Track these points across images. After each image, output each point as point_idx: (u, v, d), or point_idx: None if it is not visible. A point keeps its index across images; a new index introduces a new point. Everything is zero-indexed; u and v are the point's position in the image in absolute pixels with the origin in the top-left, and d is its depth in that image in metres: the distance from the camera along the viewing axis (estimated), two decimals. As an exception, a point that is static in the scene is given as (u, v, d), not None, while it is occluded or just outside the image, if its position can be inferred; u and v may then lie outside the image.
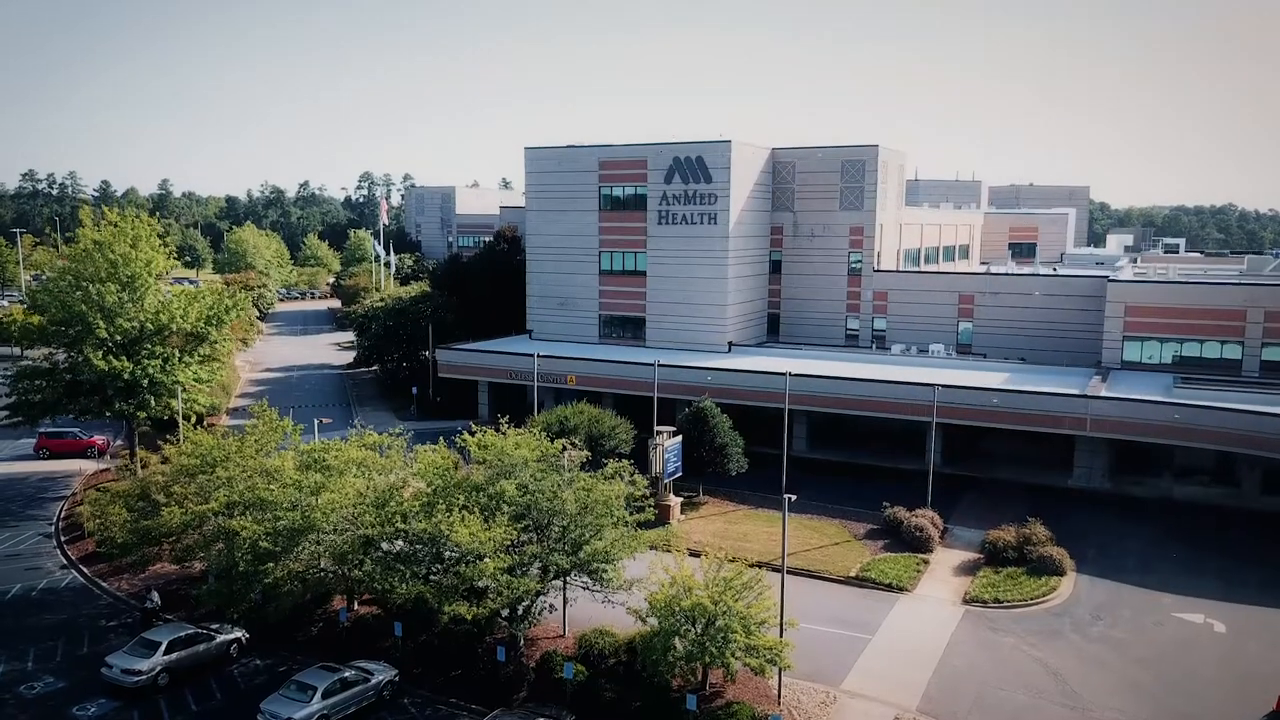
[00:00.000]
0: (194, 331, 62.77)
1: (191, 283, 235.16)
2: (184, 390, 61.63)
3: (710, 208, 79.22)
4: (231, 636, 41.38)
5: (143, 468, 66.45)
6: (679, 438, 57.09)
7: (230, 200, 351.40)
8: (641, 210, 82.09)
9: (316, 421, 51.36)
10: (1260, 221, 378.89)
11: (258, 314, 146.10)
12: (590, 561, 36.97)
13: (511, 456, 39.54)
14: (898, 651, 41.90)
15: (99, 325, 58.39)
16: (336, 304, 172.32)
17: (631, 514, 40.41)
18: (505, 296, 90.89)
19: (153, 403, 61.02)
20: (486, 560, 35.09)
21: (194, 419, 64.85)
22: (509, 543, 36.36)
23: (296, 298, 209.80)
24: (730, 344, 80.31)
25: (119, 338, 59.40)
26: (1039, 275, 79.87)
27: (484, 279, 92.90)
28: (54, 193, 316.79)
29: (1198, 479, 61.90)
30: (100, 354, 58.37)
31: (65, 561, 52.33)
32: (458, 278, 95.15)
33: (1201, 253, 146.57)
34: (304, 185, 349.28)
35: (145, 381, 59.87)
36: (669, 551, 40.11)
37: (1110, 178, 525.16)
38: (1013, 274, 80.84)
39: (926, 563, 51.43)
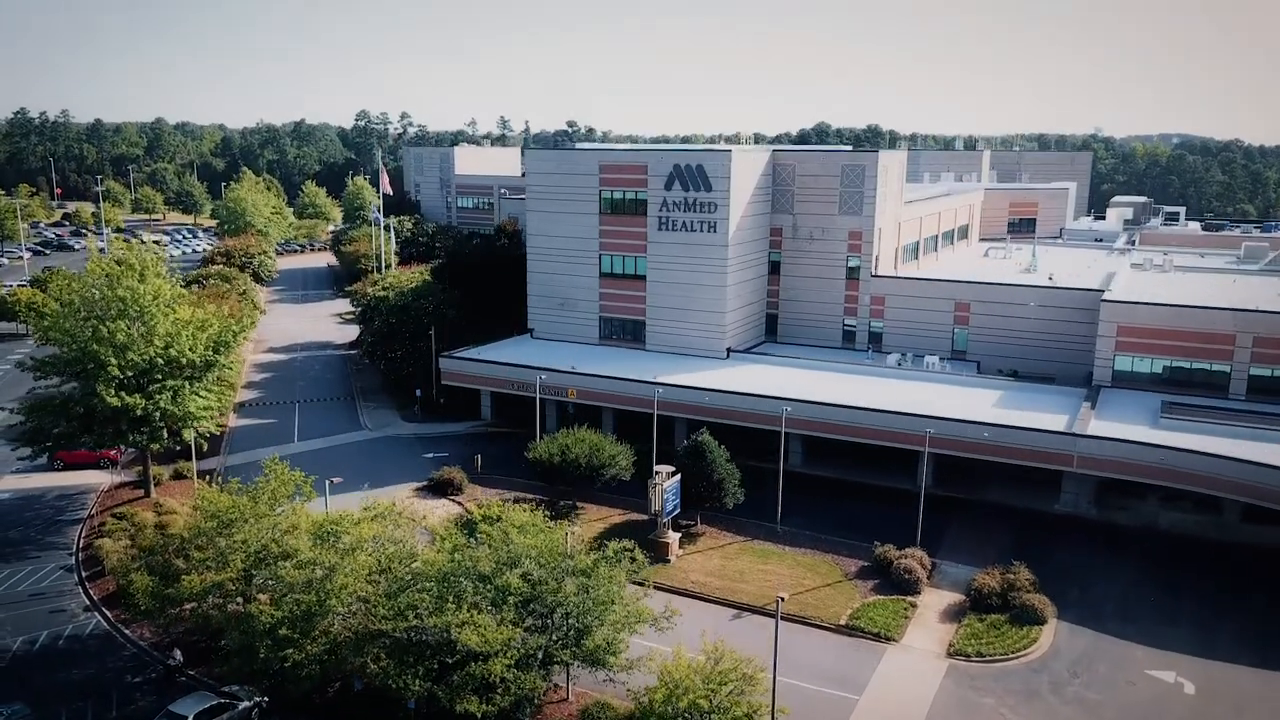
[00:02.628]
0: (203, 361, 63.95)
1: (189, 230, 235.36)
2: (195, 421, 63.21)
3: (710, 216, 79.67)
4: (252, 703, 43.59)
5: (155, 486, 68.78)
6: (677, 477, 58.78)
7: (225, 139, 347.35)
8: (642, 215, 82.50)
9: (328, 484, 52.87)
10: (1265, 160, 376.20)
11: (258, 282, 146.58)
12: (594, 653, 38.99)
13: (516, 545, 41.22)
14: (884, 713, 44.27)
15: (111, 363, 59.55)
16: (336, 261, 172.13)
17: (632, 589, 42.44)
18: (506, 292, 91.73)
19: (165, 434, 62.64)
20: (496, 660, 37.01)
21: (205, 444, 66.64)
22: (516, 637, 38.31)
23: (296, 250, 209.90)
24: (729, 350, 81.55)
25: (130, 373, 60.62)
26: (1034, 286, 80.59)
27: (485, 274, 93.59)
28: (47, 131, 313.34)
29: (1180, 505, 63.72)
30: (113, 390, 59.65)
31: (88, 602, 54.45)
32: (459, 271, 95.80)
33: (1202, 223, 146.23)
34: (300, 123, 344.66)
35: (157, 415, 61.37)
36: (668, 622, 42.18)
37: (1116, 108, 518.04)
38: (1008, 284, 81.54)
39: (914, 606, 53.63)
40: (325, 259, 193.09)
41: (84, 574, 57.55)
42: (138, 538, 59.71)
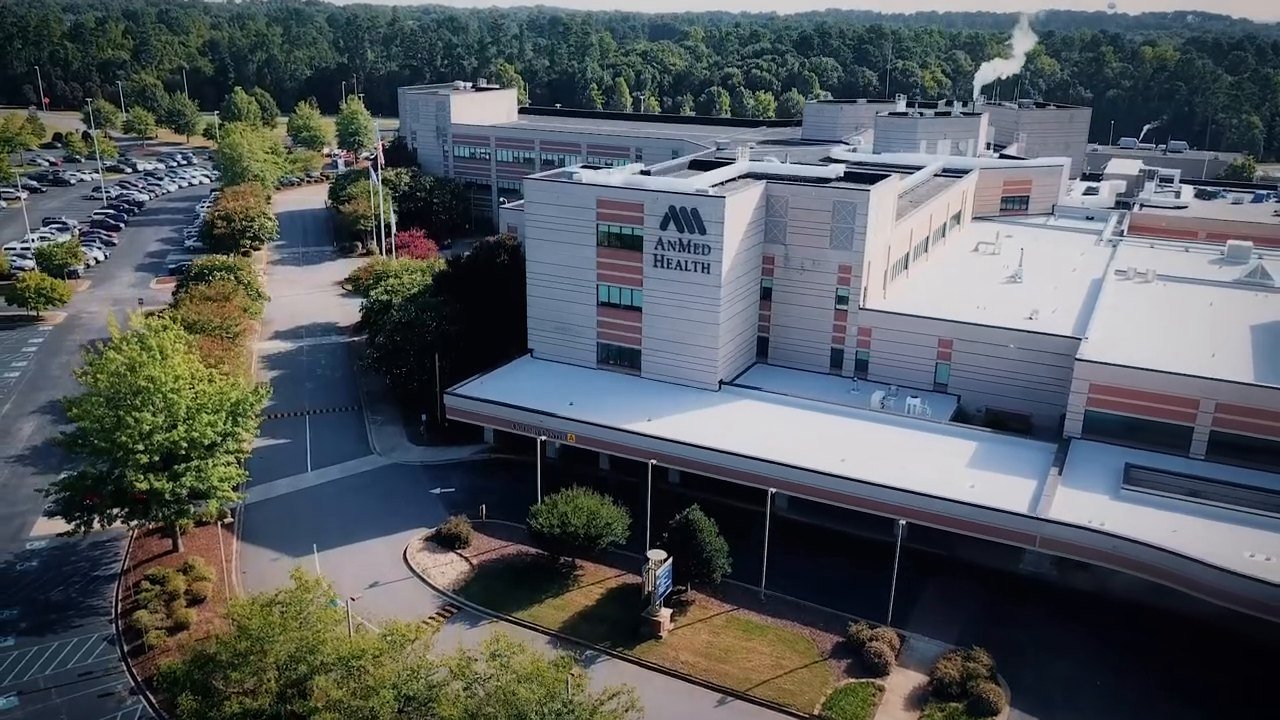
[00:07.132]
0: (222, 435, 67.74)
1: (183, 155, 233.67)
2: (217, 493, 67.49)
3: (704, 258, 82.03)
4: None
5: (181, 535, 73.56)
6: (669, 560, 63.57)
7: (213, 42, 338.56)
8: (638, 250, 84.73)
9: (347, 602, 57.47)
10: (1276, 60, 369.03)
11: (257, 244, 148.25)
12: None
13: (521, 697, 46.23)
14: (847, 822, 50.35)
15: (139, 449, 63.37)
16: (332, 201, 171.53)
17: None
18: (506, 309, 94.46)
19: (192, 509, 67.10)
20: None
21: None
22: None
23: (293, 184, 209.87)
24: (721, 382, 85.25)
25: (156, 457, 64.55)
26: (1013, 330, 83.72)
27: (486, 286, 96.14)
28: (29, 34, 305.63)
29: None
30: (141, 474, 63.66)
31: (134, 684, 59.85)
32: (460, 280, 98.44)
33: (1196, 190, 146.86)
34: (288, 28, 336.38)
35: (184, 493, 65.60)
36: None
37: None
38: (989, 325, 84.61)
39: (882, 690, 59.21)
40: (322, 196, 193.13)
41: (125, 648, 62.83)
42: (172, 606, 65.09)
